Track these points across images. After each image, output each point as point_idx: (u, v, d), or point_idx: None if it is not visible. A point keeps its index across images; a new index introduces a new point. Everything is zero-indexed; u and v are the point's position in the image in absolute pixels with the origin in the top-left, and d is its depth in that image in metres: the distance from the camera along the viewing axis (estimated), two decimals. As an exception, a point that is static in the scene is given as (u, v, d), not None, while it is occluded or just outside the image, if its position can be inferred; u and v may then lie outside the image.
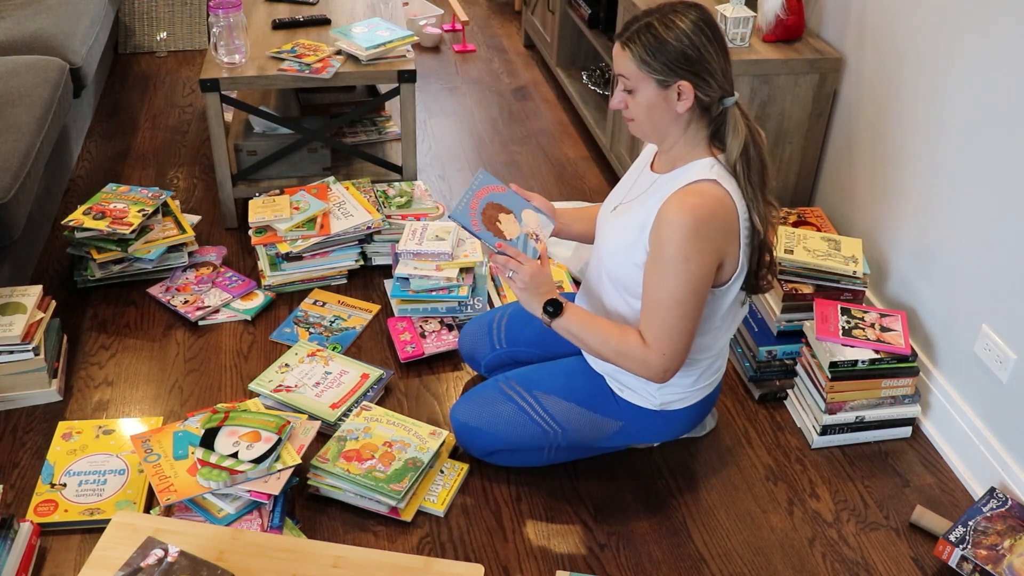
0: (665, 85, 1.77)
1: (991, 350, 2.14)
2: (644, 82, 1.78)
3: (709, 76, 1.76)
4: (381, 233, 2.82)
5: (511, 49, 4.59)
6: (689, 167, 1.83)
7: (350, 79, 2.95)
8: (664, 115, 1.81)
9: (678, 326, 1.81)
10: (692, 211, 1.75)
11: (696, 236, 1.75)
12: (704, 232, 1.75)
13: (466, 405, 2.13)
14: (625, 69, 1.79)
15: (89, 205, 2.73)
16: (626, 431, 2.07)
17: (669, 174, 1.86)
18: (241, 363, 2.51)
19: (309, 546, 1.62)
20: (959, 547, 1.93)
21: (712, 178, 1.79)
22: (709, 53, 1.75)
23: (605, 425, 2.06)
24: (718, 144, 1.84)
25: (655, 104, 1.79)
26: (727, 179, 1.80)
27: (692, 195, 1.77)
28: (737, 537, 2.07)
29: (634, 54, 1.76)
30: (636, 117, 1.84)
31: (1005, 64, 2.06)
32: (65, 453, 2.16)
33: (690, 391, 2.04)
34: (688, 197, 1.77)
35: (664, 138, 1.86)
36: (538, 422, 2.05)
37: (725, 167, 1.82)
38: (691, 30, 1.73)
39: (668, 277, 1.78)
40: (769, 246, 1.90)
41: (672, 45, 1.73)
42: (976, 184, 2.18)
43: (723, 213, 1.78)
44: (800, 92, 2.73)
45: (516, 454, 2.12)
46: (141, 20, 4.35)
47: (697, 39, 1.74)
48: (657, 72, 1.75)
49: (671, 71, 1.75)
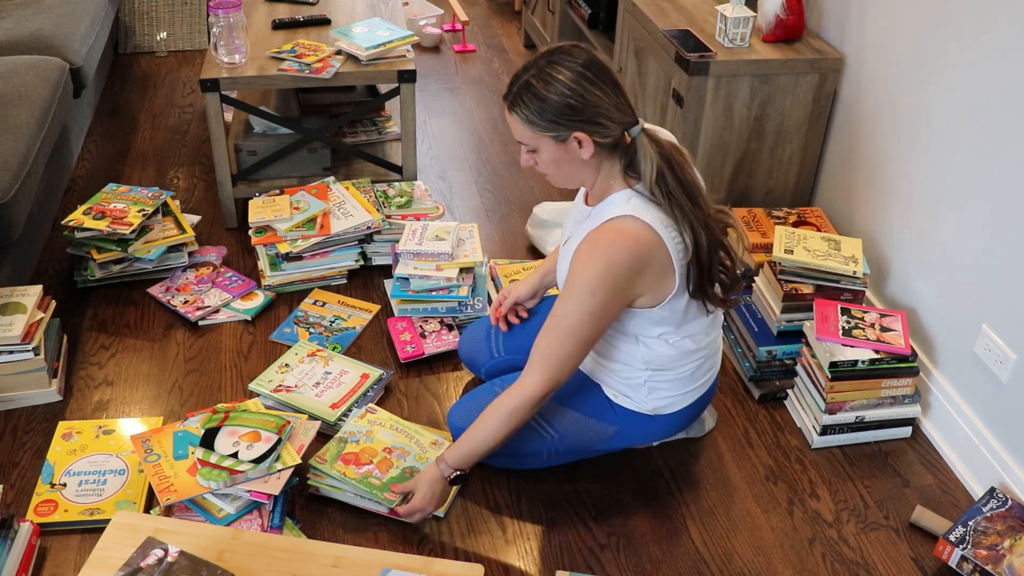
0: (561, 139, 1.76)
1: (991, 350, 2.14)
2: (541, 141, 1.77)
3: (602, 119, 1.74)
4: (381, 233, 2.82)
5: (511, 49, 4.59)
6: (608, 201, 1.83)
7: (350, 79, 2.95)
8: (572, 165, 1.81)
9: (567, 351, 1.83)
10: (607, 250, 1.76)
11: (607, 274, 1.76)
12: (617, 272, 1.77)
13: (464, 409, 2.13)
14: (518, 133, 1.79)
15: (89, 205, 2.73)
16: (622, 435, 2.08)
17: (597, 207, 1.87)
18: (241, 363, 2.51)
19: (309, 546, 1.62)
20: (959, 547, 1.93)
21: (629, 213, 1.78)
22: (596, 96, 1.72)
23: (601, 430, 2.07)
24: (633, 174, 1.83)
25: (559, 158, 1.79)
26: (646, 209, 1.78)
27: (607, 233, 1.78)
28: (737, 537, 2.07)
29: (521, 118, 1.75)
30: (548, 172, 1.85)
31: (1005, 64, 2.06)
32: (65, 453, 2.16)
33: (682, 394, 2.05)
34: (603, 235, 1.78)
35: (583, 182, 1.87)
36: (535, 427, 2.05)
37: (644, 195, 1.80)
38: (570, 79, 1.71)
39: (571, 303, 1.80)
40: (729, 251, 1.88)
41: (554, 100, 1.71)
42: (976, 184, 2.18)
43: (639, 250, 1.77)
44: (800, 92, 2.73)
45: (514, 457, 2.12)
46: (141, 20, 4.35)
47: (579, 87, 1.71)
48: (549, 130, 1.74)
49: (561, 126, 1.73)
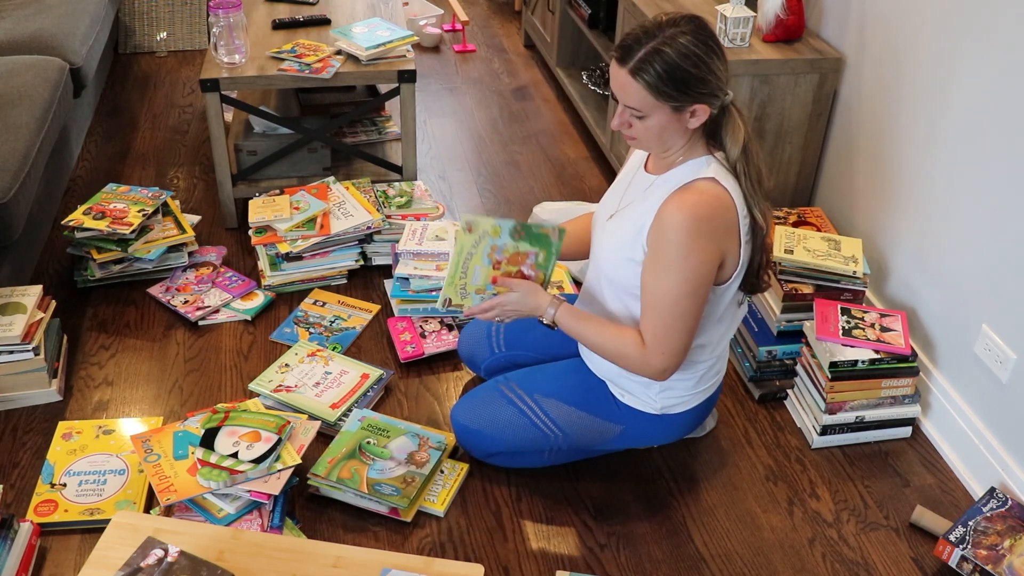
0: (680, 110, 1.74)
1: (991, 350, 2.14)
2: (657, 109, 1.73)
3: (720, 91, 1.75)
4: (381, 233, 2.82)
5: (511, 49, 4.59)
6: (685, 166, 1.83)
7: (350, 79, 2.95)
8: (675, 133, 1.79)
9: (677, 325, 1.81)
10: (692, 209, 1.74)
11: (696, 234, 1.74)
12: (704, 230, 1.75)
13: (466, 407, 2.13)
14: (635, 99, 1.73)
15: (89, 205, 2.73)
16: (627, 435, 2.08)
17: (665, 175, 1.85)
18: (241, 363, 2.51)
19: (309, 546, 1.62)
20: (959, 547, 1.93)
21: (710, 176, 1.78)
22: (719, 69, 1.73)
23: (606, 429, 2.06)
24: (714, 143, 1.84)
25: (667, 126, 1.77)
26: (725, 176, 1.80)
27: (691, 193, 1.77)
28: (737, 537, 2.07)
29: (647, 84, 1.70)
30: (641, 136, 1.80)
31: (1005, 64, 2.06)
32: (65, 453, 2.16)
33: (691, 394, 2.04)
34: (688, 196, 1.76)
35: (670, 148, 1.84)
36: (538, 425, 2.05)
37: (721, 163, 1.81)
38: (702, 51, 1.69)
39: (668, 275, 1.78)
40: (768, 246, 1.91)
41: (688, 72, 1.69)
42: (976, 184, 2.18)
43: (723, 211, 1.77)
44: (800, 92, 2.73)
45: (516, 456, 2.12)
46: (141, 20, 4.35)
47: (709, 59, 1.70)
48: (673, 100, 1.72)
49: (688, 97, 1.72)
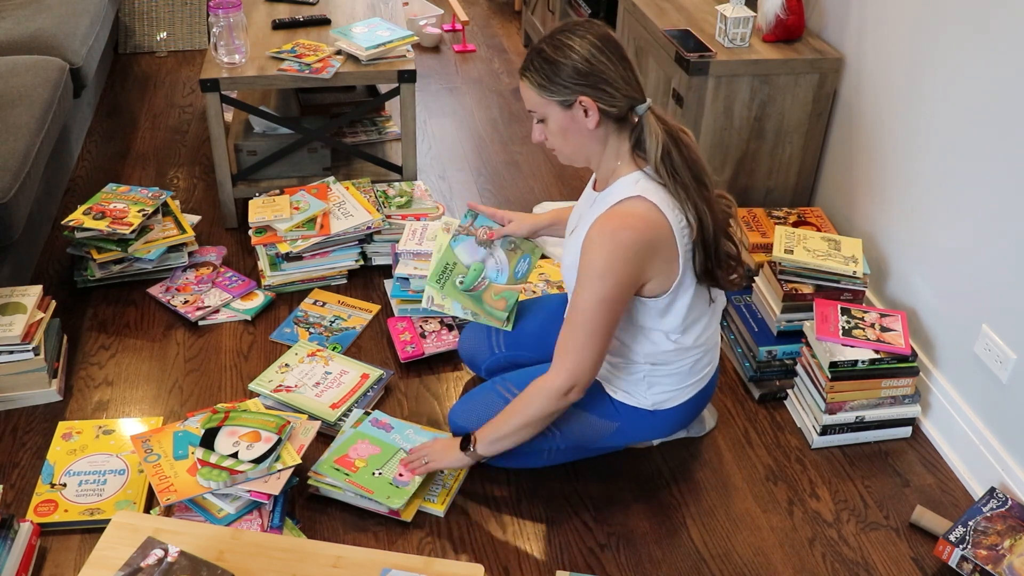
0: (568, 105, 1.79)
1: (991, 350, 2.15)
2: (549, 107, 1.81)
3: (607, 86, 1.77)
4: (381, 233, 2.82)
5: (511, 49, 4.59)
6: (617, 184, 1.85)
7: (350, 79, 2.95)
8: (578, 135, 1.83)
9: (583, 342, 1.84)
10: (612, 234, 1.78)
11: (616, 257, 1.78)
12: (625, 255, 1.78)
13: (464, 408, 2.14)
14: (529, 100, 1.83)
15: (89, 205, 2.73)
16: (623, 431, 2.08)
17: (603, 192, 1.89)
18: (241, 363, 2.51)
19: (309, 546, 1.62)
20: (959, 547, 1.93)
21: (637, 194, 1.80)
22: (603, 64, 1.76)
23: (601, 426, 2.06)
24: (641, 154, 1.84)
25: (566, 126, 1.82)
26: (654, 191, 1.80)
27: (615, 217, 1.80)
28: (737, 537, 2.07)
29: (532, 82, 1.80)
30: (556, 145, 1.87)
31: (1005, 64, 2.06)
32: (65, 453, 2.16)
33: (680, 389, 2.05)
34: (612, 219, 1.80)
35: (590, 158, 1.88)
36: None
37: (652, 177, 1.82)
38: (580, 46, 1.76)
39: (584, 292, 1.82)
40: (731, 237, 1.91)
41: (563, 64, 1.76)
42: (976, 184, 2.18)
43: (651, 234, 1.79)
44: (800, 92, 2.73)
45: (515, 456, 2.12)
46: (141, 20, 4.35)
47: (587, 52, 1.76)
48: (556, 93, 1.78)
49: (568, 89, 1.77)
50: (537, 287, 2.73)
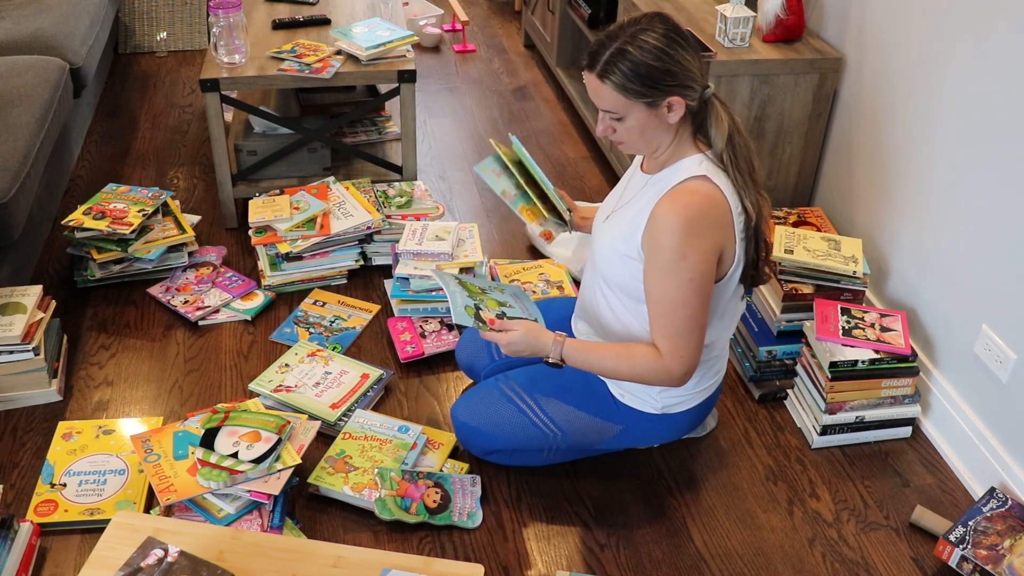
0: (654, 105, 1.75)
1: (991, 350, 2.15)
2: (632, 108, 1.76)
3: (692, 82, 1.75)
4: (381, 233, 2.82)
5: (511, 49, 4.59)
6: (678, 165, 1.83)
7: (350, 79, 2.95)
8: (657, 130, 1.80)
9: (687, 325, 1.81)
10: (684, 209, 1.75)
11: (691, 233, 1.75)
12: (698, 228, 1.76)
13: (467, 404, 2.12)
14: (608, 101, 1.76)
15: (89, 205, 2.73)
16: (626, 434, 2.07)
17: (659, 174, 1.86)
18: (241, 363, 2.51)
19: (309, 546, 1.62)
20: (959, 547, 1.93)
21: (702, 174, 1.79)
22: (687, 60, 1.74)
23: (605, 429, 2.06)
24: (703, 139, 1.85)
25: (647, 123, 1.78)
26: (716, 174, 1.81)
27: (683, 194, 1.77)
28: (737, 537, 2.07)
29: (616, 85, 1.73)
30: (626, 139, 1.83)
31: (1005, 64, 2.06)
32: (65, 453, 2.16)
33: (692, 393, 2.04)
34: (679, 196, 1.77)
35: (658, 148, 1.85)
36: (537, 424, 2.04)
37: (713, 161, 1.82)
38: (665, 44, 1.71)
39: (669, 278, 1.78)
40: (764, 236, 1.90)
41: (652, 66, 1.71)
42: (976, 184, 2.18)
43: (715, 208, 1.78)
44: (800, 92, 2.73)
45: (515, 454, 2.12)
46: (141, 20, 4.35)
47: (673, 51, 1.72)
48: (644, 96, 1.73)
49: (658, 91, 1.73)
50: (537, 287, 2.73)
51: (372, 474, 2.10)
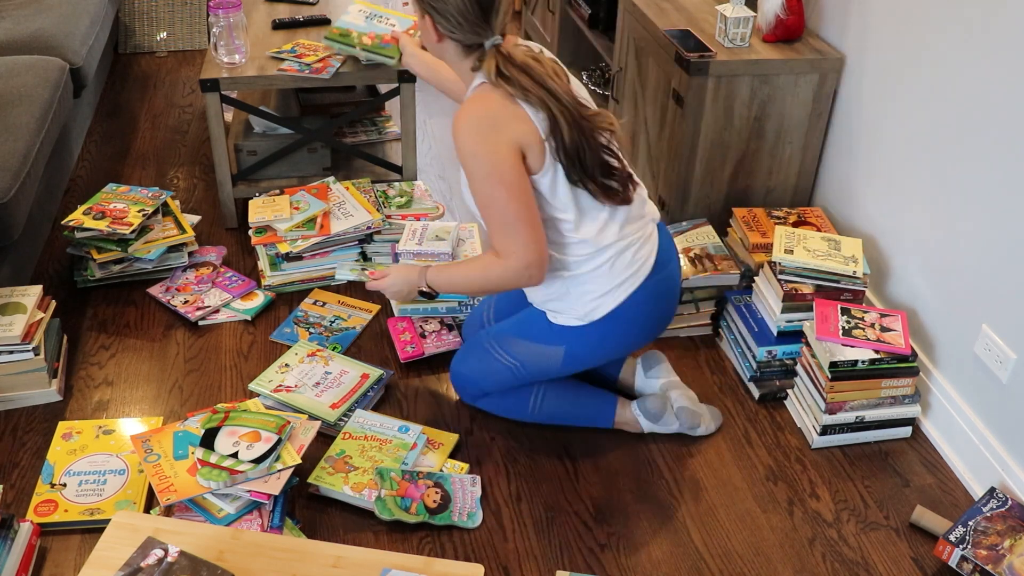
0: (421, 15, 1.95)
1: (991, 350, 2.15)
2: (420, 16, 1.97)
3: (442, 17, 1.90)
4: (381, 233, 2.82)
5: (511, 49, 4.59)
6: (469, 90, 1.99)
7: (350, 79, 2.95)
8: (428, 40, 1.99)
9: (505, 220, 1.91)
10: (465, 115, 1.90)
11: (475, 131, 1.88)
12: (482, 126, 1.88)
13: (459, 355, 2.34)
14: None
15: (89, 205, 2.73)
16: (573, 355, 2.15)
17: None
18: (241, 363, 2.51)
19: (309, 546, 1.62)
20: (959, 547, 1.93)
21: (480, 83, 1.94)
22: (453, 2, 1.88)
23: (551, 353, 2.15)
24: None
25: (423, 27, 1.98)
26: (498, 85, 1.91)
27: (465, 104, 1.93)
28: (737, 537, 2.08)
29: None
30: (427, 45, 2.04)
31: (1005, 64, 2.06)
32: (65, 453, 2.16)
33: (608, 291, 2.05)
34: (463, 107, 1.93)
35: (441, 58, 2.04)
36: (501, 361, 2.20)
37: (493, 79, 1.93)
38: None
39: (473, 183, 1.92)
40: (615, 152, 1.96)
41: None
42: (976, 183, 2.18)
43: (496, 105, 1.89)
44: (800, 92, 2.73)
45: (502, 402, 2.28)
46: (141, 20, 4.35)
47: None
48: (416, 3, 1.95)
49: (419, 5, 1.94)
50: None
51: (372, 474, 2.10)
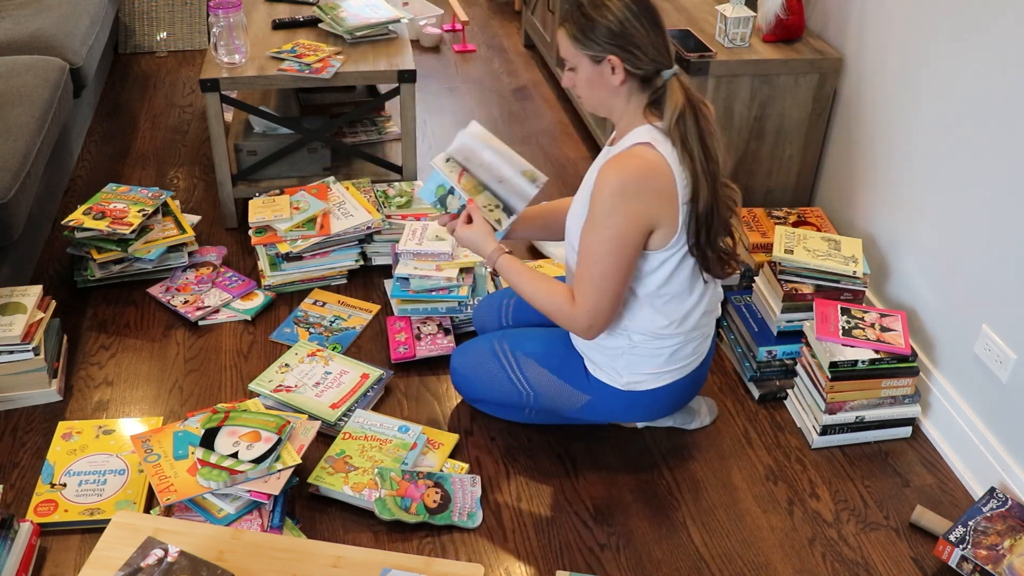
0: (597, 60, 1.86)
1: (991, 350, 2.15)
2: (580, 59, 1.88)
3: (636, 50, 1.84)
4: (381, 233, 2.82)
5: (511, 49, 4.59)
6: (630, 135, 1.92)
7: (350, 79, 2.95)
8: (603, 89, 1.90)
9: (599, 283, 1.89)
10: (622, 170, 1.84)
11: (622, 193, 1.84)
12: (631, 190, 1.84)
13: (463, 353, 2.27)
14: (563, 49, 1.91)
15: (89, 205, 2.73)
16: (594, 406, 2.13)
17: (615, 145, 1.96)
18: (241, 363, 2.51)
19: (309, 546, 1.62)
20: (959, 547, 1.93)
21: (646, 141, 1.86)
22: (635, 28, 1.83)
23: (573, 396, 2.13)
24: (657, 113, 1.90)
25: (593, 79, 1.89)
26: (663, 143, 1.86)
27: (624, 157, 1.87)
28: (737, 537, 2.08)
29: (568, 33, 1.88)
30: (582, 94, 1.95)
31: (1005, 64, 2.06)
32: (65, 453, 2.16)
33: (658, 372, 2.06)
34: (621, 159, 1.87)
35: (611, 111, 1.95)
36: (514, 381, 2.15)
37: (662, 132, 1.88)
38: (617, 8, 1.83)
39: (594, 232, 1.88)
40: (729, 229, 1.96)
41: (599, 22, 1.83)
42: (976, 184, 2.18)
43: (652, 174, 1.85)
44: (800, 92, 2.73)
45: (499, 407, 2.26)
46: (141, 20, 4.35)
47: (622, 15, 1.83)
48: (588, 48, 1.86)
49: (600, 47, 1.85)
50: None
51: (372, 474, 2.10)
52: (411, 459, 2.15)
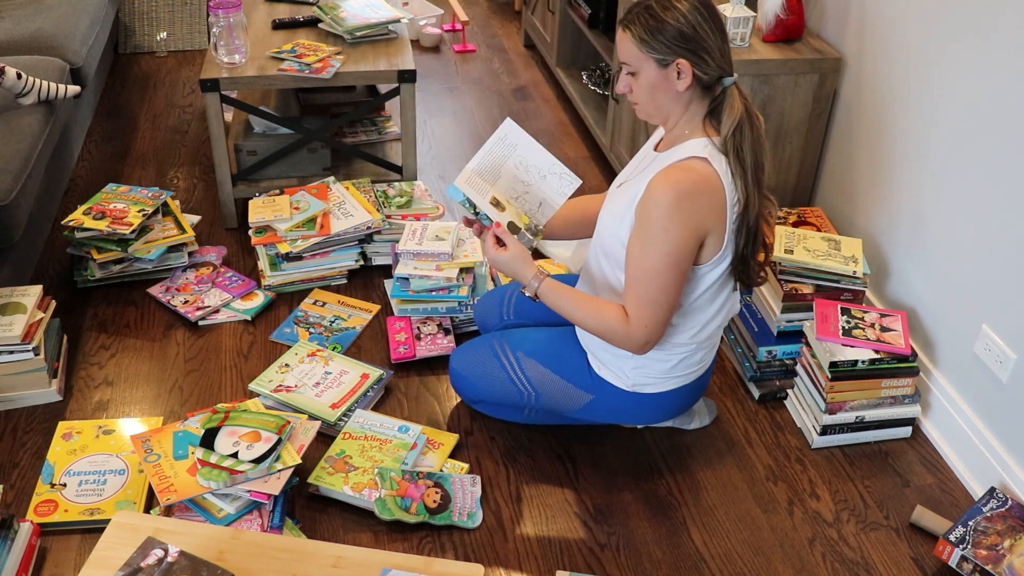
0: (664, 64, 1.81)
1: (991, 350, 2.15)
2: (645, 63, 1.83)
3: (706, 54, 1.80)
4: (381, 233, 2.82)
5: (511, 49, 4.59)
6: (684, 145, 1.88)
7: (350, 79, 2.95)
8: (666, 95, 1.85)
9: (656, 297, 1.87)
10: (677, 184, 1.80)
11: (677, 208, 1.80)
12: (685, 205, 1.80)
13: (462, 354, 2.25)
14: (626, 52, 1.85)
15: (89, 205, 2.73)
16: (596, 405, 2.12)
17: (667, 152, 1.91)
18: (241, 363, 2.51)
19: (309, 546, 1.62)
20: (959, 547, 1.93)
21: (703, 156, 1.83)
22: (706, 32, 1.80)
23: (575, 396, 2.11)
24: (714, 124, 1.87)
25: (656, 84, 1.84)
26: (718, 159, 1.84)
27: (679, 170, 1.83)
28: (737, 537, 2.08)
29: (634, 35, 1.81)
30: (640, 100, 1.89)
31: (1005, 64, 2.06)
32: (65, 453, 2.16)
33: (665, 377, 2.06)
34: (675, 172, 1.83)
35: (667, 117, 1.90)
36: (515, 381, 2.14)
37: (718, 148, 1.85)
38: (687, 10, 1.79)
39: (648, 248, 1.84)
40: (764, 240, 1.95)
41: (669, 24, 1.79)
42: (976, 184, 2.18)
43: (708, 190, 1.82)
44: (800, 92, 2.73)
45: (499, 408, 2.24)
46: (141, 20, 4.35)
47: (693, 18, 1.79)
48: (656, 51, 1.81)
49: (669, 50, 1.80)
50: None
51: (372, 474, 2.10)
52: (411, 459, 2.15)
